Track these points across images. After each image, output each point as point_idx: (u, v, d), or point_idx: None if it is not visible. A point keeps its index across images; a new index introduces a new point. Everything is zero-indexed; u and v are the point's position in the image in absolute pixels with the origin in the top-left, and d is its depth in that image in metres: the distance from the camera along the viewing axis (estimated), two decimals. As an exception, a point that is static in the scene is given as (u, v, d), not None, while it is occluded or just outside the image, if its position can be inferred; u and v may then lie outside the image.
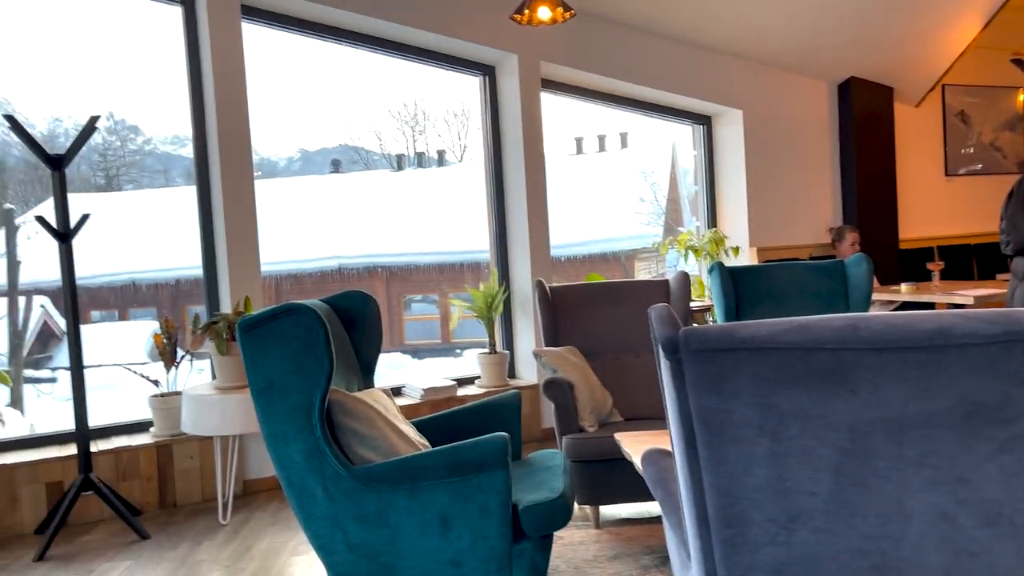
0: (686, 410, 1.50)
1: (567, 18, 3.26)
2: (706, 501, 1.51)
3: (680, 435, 1.54)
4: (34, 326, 12.14)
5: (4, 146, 20.73)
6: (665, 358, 1.51)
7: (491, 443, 2.38)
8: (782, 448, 1.44)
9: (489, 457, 2.37)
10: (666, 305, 1.57)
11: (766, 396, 1.42)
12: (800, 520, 1.45)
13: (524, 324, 5.39)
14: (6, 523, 3.71)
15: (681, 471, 1.59)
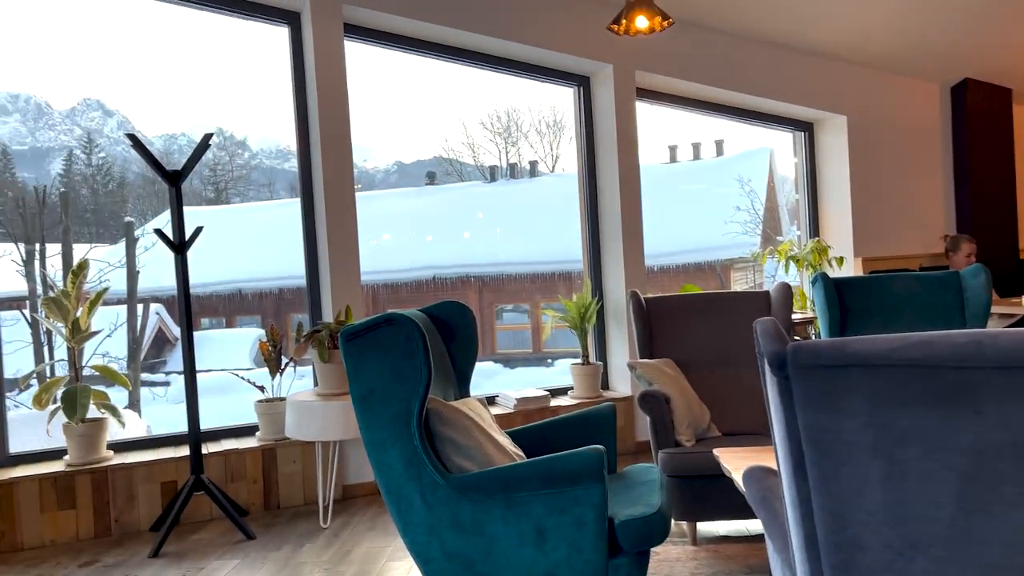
0: (794, 429, 1.45)
1: (665, 27, 3.22)
2: (815, 524, 1.45)
3: (787, 454, 1.49)
4: (150, 332, 12.85)
5: (124, 163, 22.09)
6: (772, 374, 1.47)
7: (587, 456, 2.36)
8: (899, 471, 1.37)
9: (585, 470, 2.35)
10: (772, 319, 1.52)
11: (882, 416, 1.36)
12: (919, 547, 1.37)
13: (618, 335, 5.34)
14: (124, 520, 3.92)
15: (788, 491, 1.54)
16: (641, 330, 3.92)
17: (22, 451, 4.04)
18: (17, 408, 7.00)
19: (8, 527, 3.71)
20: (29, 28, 28.33)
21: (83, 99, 35.76)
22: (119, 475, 3.91)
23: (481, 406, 2.84)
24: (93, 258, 5.94)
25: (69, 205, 11.46)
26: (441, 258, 16.74)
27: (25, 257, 10.37)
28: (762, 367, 1.56)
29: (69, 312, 3.92)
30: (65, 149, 25.90)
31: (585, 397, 5.10)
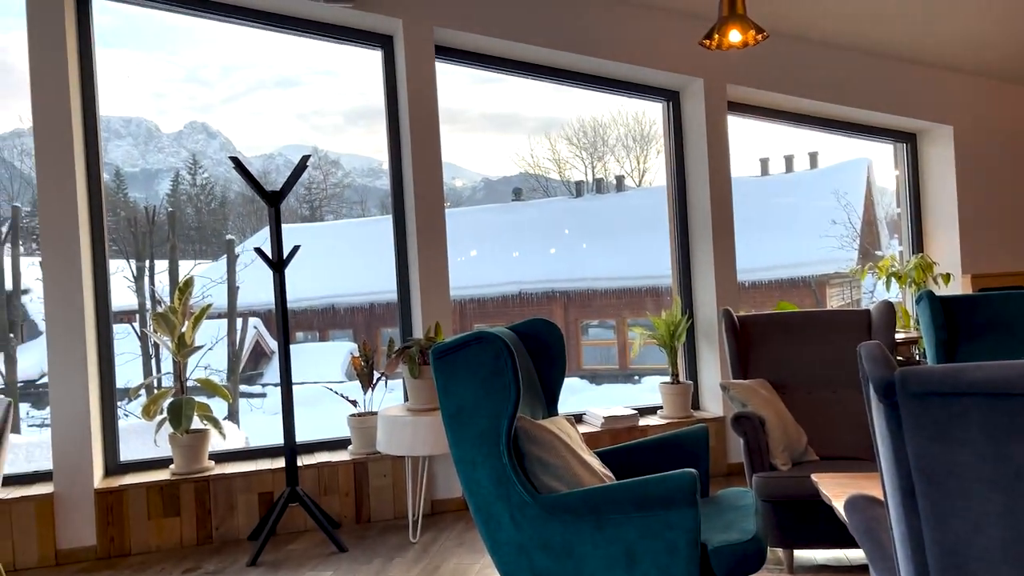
0: (903, 458, 1.38)
1: (759, 40, 3.15)
2: (927, 559, 1.38)
3: (895, 484, 1.42)
4: (248, 345, 13.35)
5: (226, 182, 23.01)
6: (878, 401, 1.40)
7: (679, 479, 2.31)
8: (1020, 507, 1.28)
9: (677, 493, 2.30)
10: (877, 343, 1.46)
11: (1001, 447, 1.28)
12: (1044, 590, 1.28)
13: (709, 354, 5.22)
14: (224, 528, 4.07)
15: (896, 524, 1.46)
16: (734, 349, 3.82)
17: (132, 459, 4.24)
18: (127, 417, 7.38)
19: (117, 532, 3.90)
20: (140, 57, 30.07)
21: (189, 122, 37.68)
22: (220, 485, 4.06)
23: (569, 425, 2.82)
24: (196, 274, 6.23)
25: (176, 224, 12.05)
26: (527, 273, 16.81)
27: (136, 273, 10.96)
28: (867, 392, 1.50)
29: (176, 327, 4.11)
30: (172, 170, 27.30)
31: (675, 417, 5.01)
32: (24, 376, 11.59)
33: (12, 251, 11.00)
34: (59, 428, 3.84)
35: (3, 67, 38.71)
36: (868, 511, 1.96)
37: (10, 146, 22.37)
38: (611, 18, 4.92)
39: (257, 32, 4.64)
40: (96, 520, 3.86)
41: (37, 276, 10.21)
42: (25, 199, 18.00)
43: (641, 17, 5.00)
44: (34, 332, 13.84)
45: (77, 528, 3.84)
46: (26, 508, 3.77)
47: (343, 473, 4.26)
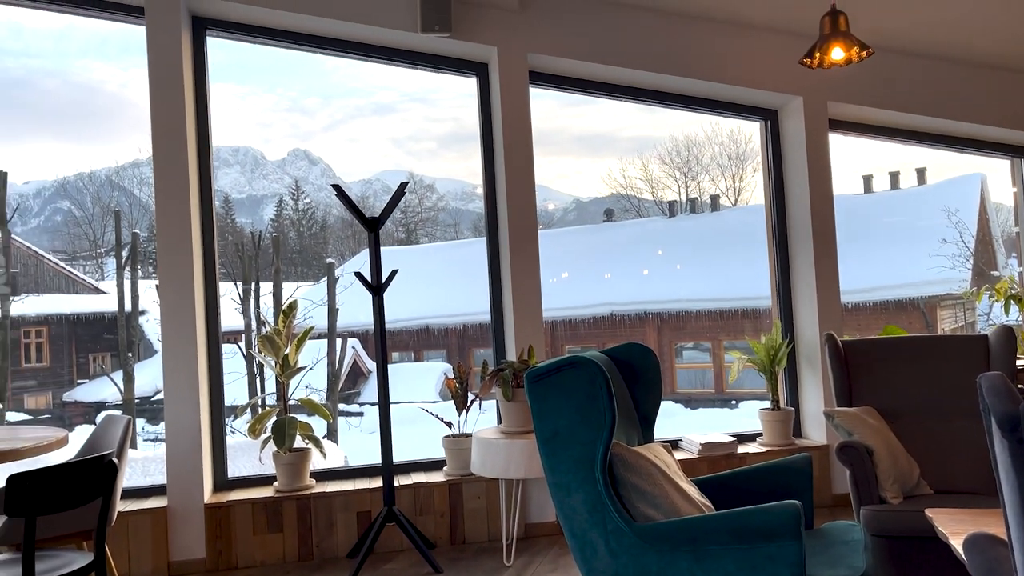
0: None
1: (863, 57, 3.05)
2: (1060, 609, 1.28)
3: (1021, 523, 1.33)
4: (347, 365, 13.74)
5: (326, 207, 23.81)
6: (1002, 436, 1.32)
7: (783, 511, 2.23)
8: None
9: (780, 526, 2.22)
10: (1000, 374, 1.37)
11: None
12: None
13: (811, 379, 5.04)
14: (324, 546, 4.17)
15: (1022, 565, 1.37)
16: (838, 375, 3.68)
17: (238, 476, 4.41)
18: (232, 435, 7.70)
19: (225, 546, 4.06)
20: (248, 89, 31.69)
21: (292, 150, 39.37)
22: (320, 503, 4.17)
23: (666, 452, 2.77)
24: (297, 296, 6.46)
25: (279, 247, 12.56)
26: (619, 295, 16.68)
27: (242, 295, 11.46)
28: (988, 425, 1.42)
29: (280, 349, 4.27)
30: (276, 196, 28.54)
31: (776, 445, 4.85)
32: (140, 393, 12.27)
33: (131, 275, 11.70)
34: (173, 444, 4.04)
35: (123, 102, 41.46)
36: (990, 551, 1.84)
37: (130, 175, 23.86)
38: (707, 39, 4.87)
39: (355, 62, 4.81)
40: (206, 534, 4.03)
41: (153, 298, 10.82)
42: (142, 225, 19.14)
43: (737, 37, 4.92)
44: (149, 351, 14.65)
45: (188, 541, 4.01)
46: (142, 520, 3.97)
47: (438, 494, 4.31)
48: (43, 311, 14.69)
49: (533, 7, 4.60)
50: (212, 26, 4.35)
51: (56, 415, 14.35)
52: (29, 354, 14.75)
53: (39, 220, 26.35)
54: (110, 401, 13.36)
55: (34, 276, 15.51)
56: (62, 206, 24.71)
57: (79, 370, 15.30)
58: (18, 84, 34.79)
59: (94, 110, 42.18)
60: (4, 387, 10.38)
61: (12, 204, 10.80)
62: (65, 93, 43.84)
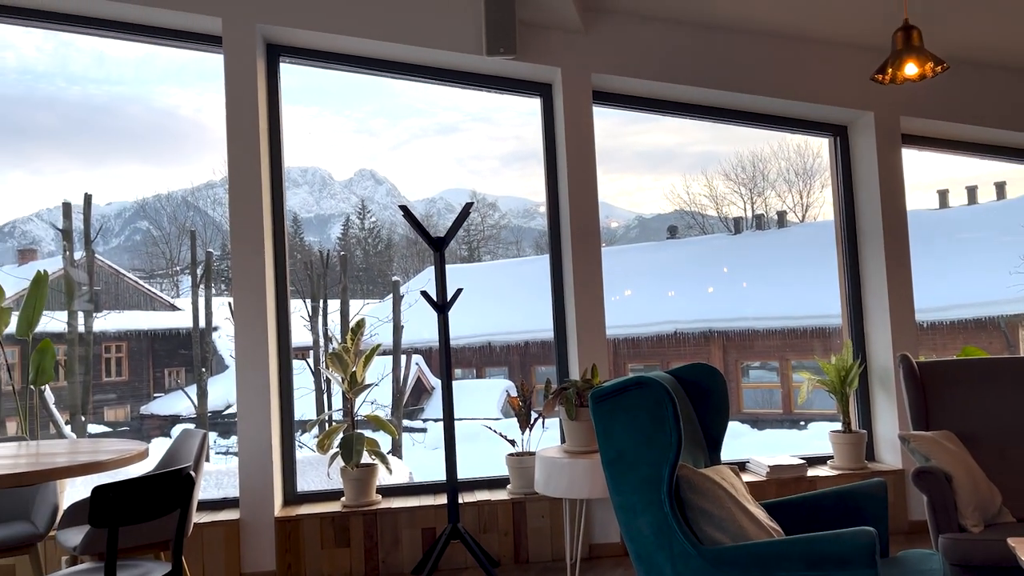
0: (1124, 531, 1.24)
1: (938, 72, 2.98)
2: None
3: (1115, 561, 1.27)
4: (411, 381, 13.90)
5: (391, 226, 24.22)
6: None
7: (857, 538, 2.17)
8: None
9: (854, 553, 2.17)
10: (1089, 401, 1.32)
11: None
12: None
13: (885, 402, 4.89)
14: (389, 561, 4.22)
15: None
16: (914, 398, 3.57)
17: (307, 490, 4.51)
18: (300, 449, 7.86)
19: (294, 559, 4.14)
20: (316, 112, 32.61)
21: (359, 170, 40.25)
22: (386, 518, 4.23)
23: (733, 475, 2.73)
24: (363, 313, 6.58)
25: (347, 266, 12.83)
26: (683, 313, 16.47)
27: (310, 312, 11.74)
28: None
29: (348, 365, 4.35)
30: (343, 215, 29.19)
31: (847, 468, 4.71)
32: (212, 407, 12.65)
33: (205, 292, 12.10)
34: (245, 458, 4.15)
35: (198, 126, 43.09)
36: (1080, 586, 1.76)
37: (204, 196, 24.72)
38: (773, 55, 4.82)
39: (420, 84, 4.91)
40: (276, 547, 4.12)
41: (226, 315, 11.17)
42: (215, 244, 19.79)
43: (804, 52, 4.85)
44: (221, 367, 15.09)
45: (259, 553, 4.11)
46: (216, 532, 4.08)
47: (502, 512, 4.32)
48: (123, 327, 15.30)
49: (597, 28, 4.63)
50: (285, 53, 4.50)
51: (134, 427, 14.90)
52: (110, 368, 15.36)
53: (120, 240, 27.49)
54: (184, 414, 13.82)
55: (115, 293, 16.18)
56: (141, 226, 25.77)
57: (156, 384, 15.86)
58: (102, 110, 36.54)
59: (171, 134, 43.96)
60: (86, 400, 10.82)
61: (96, 225, 11.31)
62: (145, 118, 45.80)
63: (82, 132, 32.66)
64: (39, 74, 39.60)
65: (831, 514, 2.75)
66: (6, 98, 35.30)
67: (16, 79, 39.26)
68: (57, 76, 39.51)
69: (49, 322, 10.05)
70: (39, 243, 23.90)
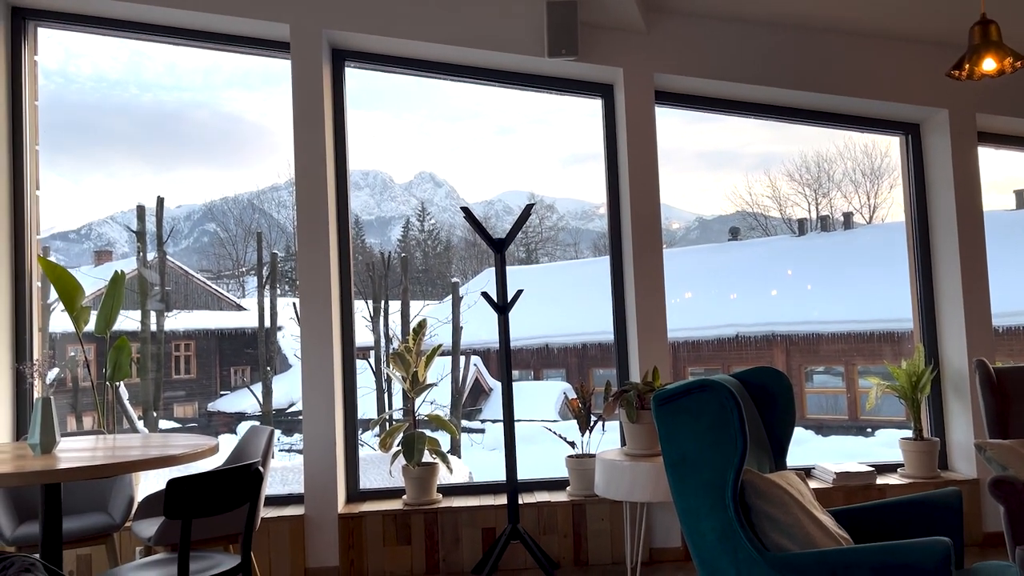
0: None
1: (1017, 68, 2.87)
2: None
3: None
4: (469, 382, 13.99)
5: (450, 228, 24.45)
6: None
7: (930, 547, 2.11)
8: None
9: (928, 563, 2.10)
10: None
11: None
12: None
13: (959, 408, 4.72)
14: (450, 559, 4.26)
15: None
16: (991, 405, 3.44)
17: (369, 487, 4.58)
18: (362, 448, 7.99)
19: (357, 556, 4.21)
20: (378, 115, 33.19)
21: (418, 173, 40.71)
22: (446, 517, 4.27)
23: (800, 481, 2.67)
24: (424, 314, 6.66)
25: (407, 267, 12.99)
26: (745, 316, 16.18)
27: (372, 313, 11.91)
28: None
29: (410, 365, 4.41)
30: (403, 218, 29.57)
31: (919, 477, 4.57)
32: (276, 405, 12.94)
33: (270, 293, 12.40)
34: (311, 455, 4.24)
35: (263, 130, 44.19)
36: None
37: (268, 199, 25.31)
38: (841, 52, 4.70)
39: (477, 87, 4.94)
40: (339, 543, 4.20)
41: (290, 315, 11.42)
42: (280, 246, 20.24)
43: (874, 49, 4.73)
44: (285, 365, 15.43)
45: (323, 549, 4.19)
46: (282, 527, 4.18)
47: (562, 514, 4.32)
48: (191, 326, 15.78)
49: (659, 28, 4.59)
50: (350, 57, 4.59)
51: (202, 424, 15.35)
52: (179, 366, 15.85)
53: (188, 241, 28.34)
54: (249, 412, 14.17)
55: (184, 293, 16.70)
56: (209, 228, 26.52)
57: (222, 382, 16.31)
58: (172, 117, 37.82)
59: (237, 138, 45.19)
60: (158, 396, 11.20)
61: (167, 227, 11.69)
62: (212, 123, 47.20)
63: (153, 137, 33.86)
64: (113, 82, 41.13)
65: (902, 523, 2.67)
66: (82, 105, 36.74)
67: (92, 87, 40.82)
68: (130, 83, 40.99)
69: (123, 321, 10.43)
70: (114, 245, 24.80)
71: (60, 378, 11.01)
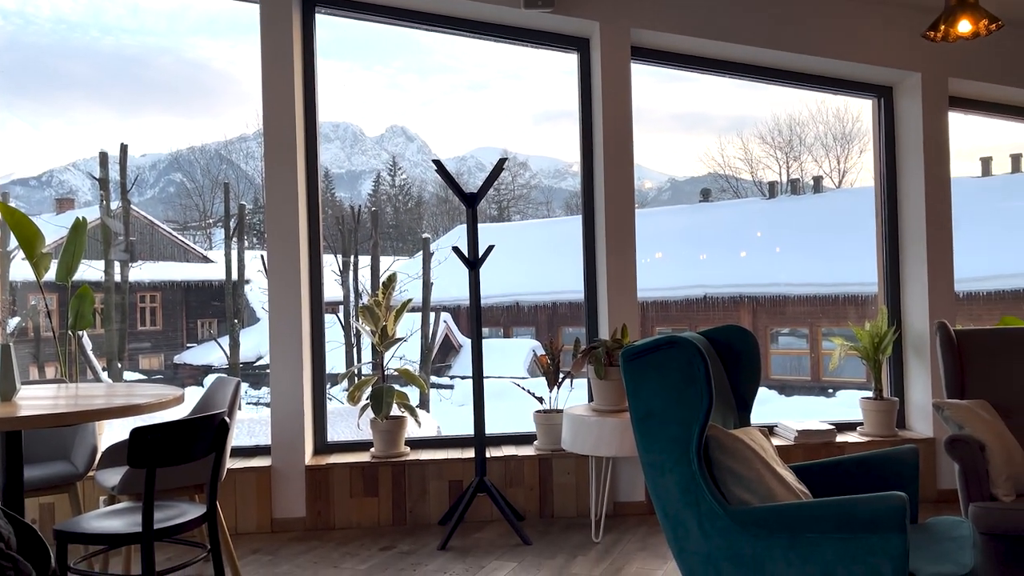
0: None
1: (992, 30, 2.87)
2: None
3: None
4: (439, 338, 14.01)
5: (422, 183, 24.24)
6: None
7: (888, 502, 2.16)
8: None
9: (885, 517, 2.16)
10: None
11: None
12: None
13: (919, 370, 4.83)
14: (417, 511, 4.30)
15: None
16: (950, 366, 3.52)
17: (337, 440, 4.58)
18: (331, 401, 7.99)
19: (324, 507, 4.23)
20: (348, 66, 32.53)
21: (390, 126, 40.18)
22: (414, 470, 4.29)
23: (762, 437, 2.72)
24: (394, 270, 6.63)
25: (378, 222, 12.88)
26: (714, 277, 16.34)
27: (341, 267, 11.82)
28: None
29: (379, 319, 4.39)
30: (374, 172, 29.23)
31: (877, 436, 4.68)
32: (244, 358, 12.86)
33: (238, 245, 12.23)
34: (278, 407, 4.23)
35: (231, 79, 43.12)
36: (1117, 557, 1.74)
37: (237, 149, 24.83)
38: (817, 11, 4.68)
39: (451, 39, 4.84)
40: (306, 494, 4.21)
41: (258, 268, 11.30)
42: (248, 197, 19.92)
43: (849, 9, 4.71)
44: (253, 319, 15.31)
45: (290, 500, 4.20)
46: (248, 478, 4.18)
47: (528, 468, 4.37)
48: (157, 278, 15.55)
49: (637, -19, 4.52)
50: (321, 3, 4.46)
51: (168, 376, 15.23)
52: (144, 317, 15.66)
53: (154, 191, 27.79)
54: (216, 365, 14.09)
55: (149, 244, 16.43)
56: (175, 178, 26.00)
57: (189, 334, 16.16)
58: (135, 61, 36.71)
59: (204, 86, 44.15)
60: (122, 348, 11.06)
61: (131, 176, 11.43)
62: (177, 70, 45.97)
63: (116, 83, 32.94)
64: (73, 24, 39.81)
65: (860, 479, 2.74)
66: (40, 48, 35.58)
67: (51, 28, 39.48)
68: (91, 26, 39.71)
69: (87, 270, 10.24)
70: (76, 192, 24.24)
71: (21, 327, 10.81)
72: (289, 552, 3.89)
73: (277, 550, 3.92)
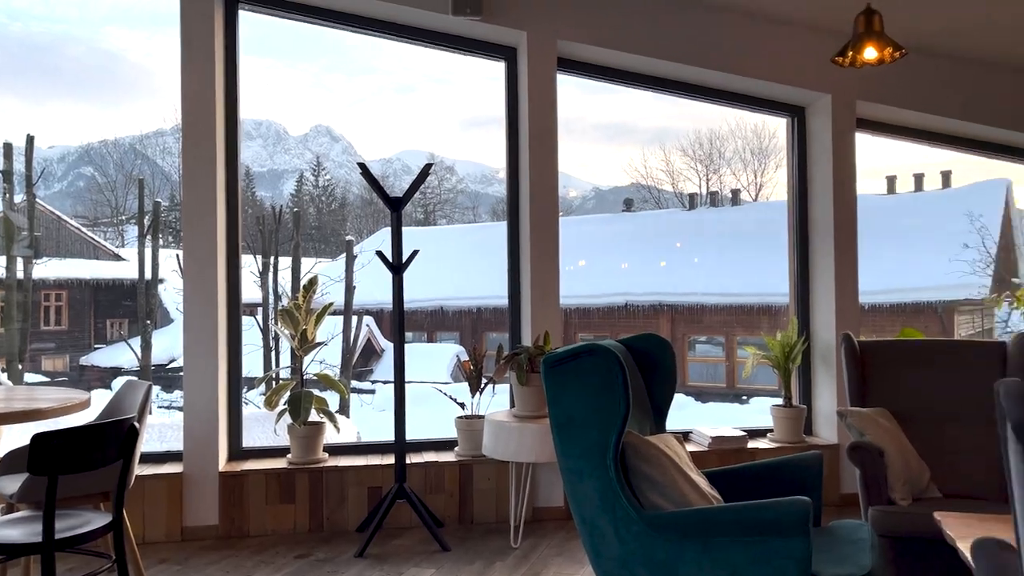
0: (1043, 505, 1.31)
1: (896, 58, 3.04)
2: (1066, 615, 1.30)
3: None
4: (361, 343, 13.83)
5: (346, 184, 23.92)
6: (1017, 442, 1.33)
7: (792, 506, 2.25)
8: None
9: (788, 521, 2.25)
10: (1019, 381, 1.39)
11: None
12: None
13: (825, 378, 5.03)
14: (334, 518, 4.23)
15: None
16: (853, 376, 3.68)
17: (252, 446, 4.48)
18: (247, 406, 7.78)
19: (238, 514, 4.13)
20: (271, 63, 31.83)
21: (314, 126, 39.55)
22: (332, 476, 4.23)
23: (678, 443, 2.79)
24: (315, 272, 6.51)
25: (300, 223, 12.64)
26: (635, 285, 16.66)
27: (260, 268, 11.55)
28: (1003, 432, 1.43)
29: (299, 323, 4.31)
30: (297, 171, 28.70)
31: (786, 442, 4.85)
32: (156, 360, 12.42)
33: (152, 243, 11.82)
34: (191, 412, 4.10)
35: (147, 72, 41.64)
36: (998, 558, 1.86)
37: (153, 144, 24.00)
38: (737, 32, 4.84)
39: (377, 40, 4.81)
40: (220, 501, 4.10)
41: (172, 267, 10.93)
42: (164, 194, 19.27)
43: (768, 31, 4.89)
44: (166, 320, 14.80)
45: (202, 507, 4.08)
46: (158, 485, 4.04)
47: (449, 473, 4.36)
48: (64, 275, 14.86)
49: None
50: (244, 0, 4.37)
51: (73, 378, 14.56)
52: (49, 317, 14.94)
53: (62, 185, 26.58)
54: (126, 367, 13.55)
55: (56, 240, 15.68)
56: (85, 172, 24.94)
57: (97, 335, 15.49)
58: (43, 49, 35.02)
59: (118, 78, 42.49)
60: (24, 348, 10.54)
61: (37, 168, 10.91)
62: (89, 60, 44.11)
63: (23, 71, 31.37)
64: (-22, 7, 37.70)
65: (769, 484, 2.84)
66: (-58, 30, 33.66)
67: (-47, 11, 37.40)
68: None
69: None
70: (-24, 184, 22.95)
71: (-88, 325, 10.17)
72: (199, 561, 3.78)
73: (186, 559, 3.80)
